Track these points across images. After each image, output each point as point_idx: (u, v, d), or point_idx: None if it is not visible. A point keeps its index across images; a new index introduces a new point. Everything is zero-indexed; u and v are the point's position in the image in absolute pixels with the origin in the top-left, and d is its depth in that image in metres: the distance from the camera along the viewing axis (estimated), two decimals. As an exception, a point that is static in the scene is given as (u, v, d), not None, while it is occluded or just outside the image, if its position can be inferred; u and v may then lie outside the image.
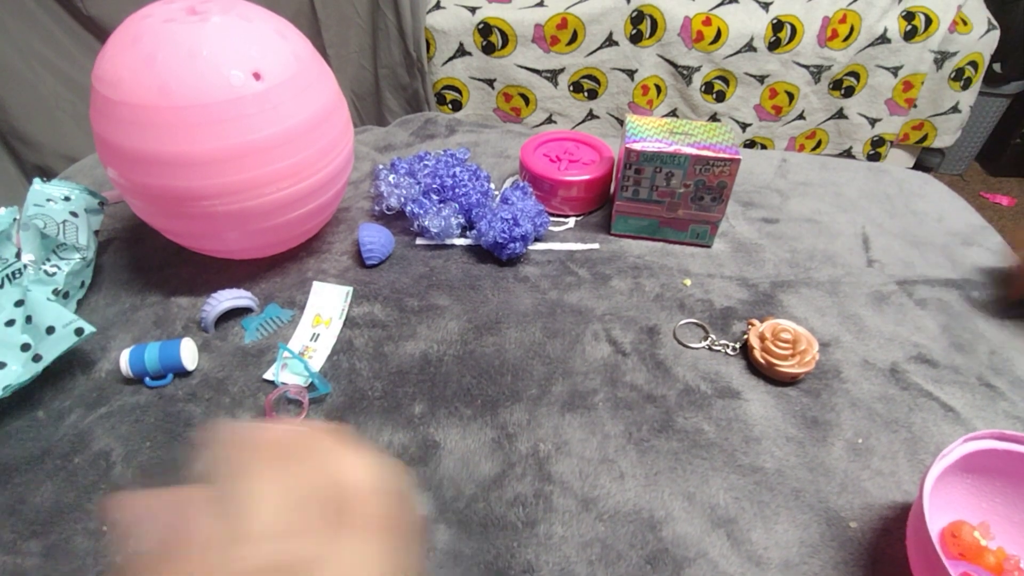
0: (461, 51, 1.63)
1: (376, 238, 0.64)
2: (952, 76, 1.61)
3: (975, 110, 1.78)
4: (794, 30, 1.55)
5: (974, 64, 1.59)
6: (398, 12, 1.54)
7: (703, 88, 1.66)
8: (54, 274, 0.55)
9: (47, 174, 0.63)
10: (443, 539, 0.42)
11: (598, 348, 0.56)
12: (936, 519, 0.40)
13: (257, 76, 0.49)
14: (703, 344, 0.56)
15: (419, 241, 0.68)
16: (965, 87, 1.63)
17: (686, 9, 1.55)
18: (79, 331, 0.50)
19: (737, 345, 0.55)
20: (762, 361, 0.52)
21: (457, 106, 1.75)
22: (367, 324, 0.58)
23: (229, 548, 0.21)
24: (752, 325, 0.56)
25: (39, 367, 0.49)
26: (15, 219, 0.57)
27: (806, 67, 1.60)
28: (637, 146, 0.61)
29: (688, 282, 0.63)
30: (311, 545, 0.21)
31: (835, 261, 0.66)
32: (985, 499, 0.42)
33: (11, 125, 1.45)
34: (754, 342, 0.54)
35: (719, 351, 0.55)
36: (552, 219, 0.71)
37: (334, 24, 1.59)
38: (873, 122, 1.70)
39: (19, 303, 0.52)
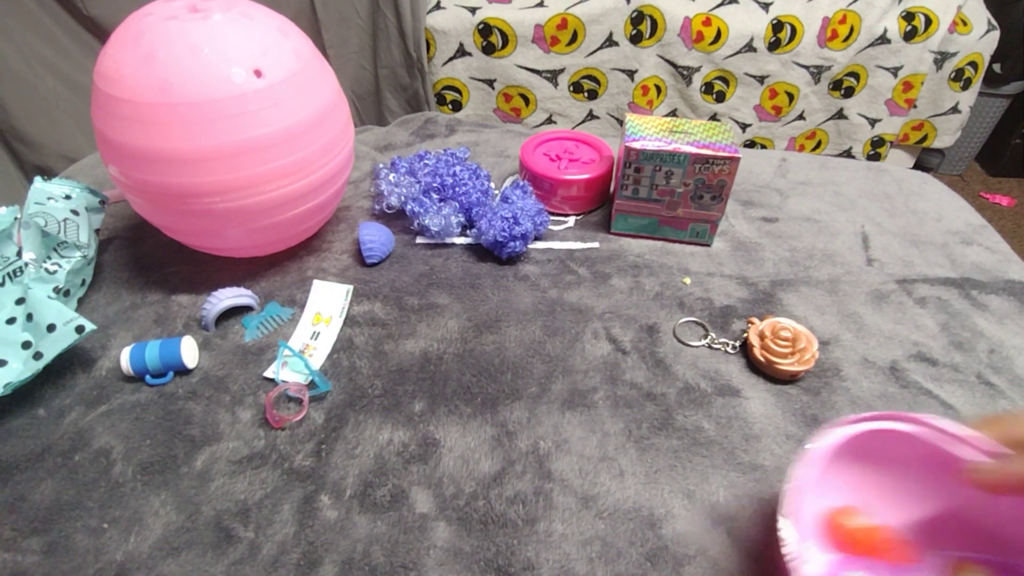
0: (461, 51, 1.63)
1: (376, 237, 0.64)
2: (952, 76, 1.62)
3: (975, 110, 1.78)
4: (794, 30, 1.56)
5: (974, 64, 1.59)
6: (398, 12, 1.55)
7: (703, 88, 1.67)
8: (55, 272, 0.55)
9: (47, 174, 0.63)
10: (443, 536, 0.42)
11: (598, 346, 0.56)
12: (811, 510, 0.37)
13: (258, 73, 0.49)
14: (703, 342, 0.56)
15: (419, 240, 0.68)
16: (965, 87, 1.63)
17: (686, 9, 1.55)
18: (80, 329, 0.50)
19: (737, 344, 0.55)
20: (762, 359, 0.52)
21: (457, 106, 1.75)
22: (367, 322, 0.58)
23: None
24: (752, 323, 0.56)
25: (40, 365, 0.49)
26: (16, 218, 0.57)
27: (806, 67, 1.60)
28: (637, 145, 0.61)
29: (688, 280, 0.63)
30: None
31: (835, 260, 0.66)
32: (856, 485, 0.39)
33: (11, 125, 1.45)
34: (754, 340, 0.54)
35: (719, 349, 0.55)
36: (552, 218, 0.71)
37: (334, 24, 1.59)
38: (873, 122, 1.70)
39: (20, 301, 0.53)
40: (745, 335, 0.55)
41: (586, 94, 1.70)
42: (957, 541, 0.37)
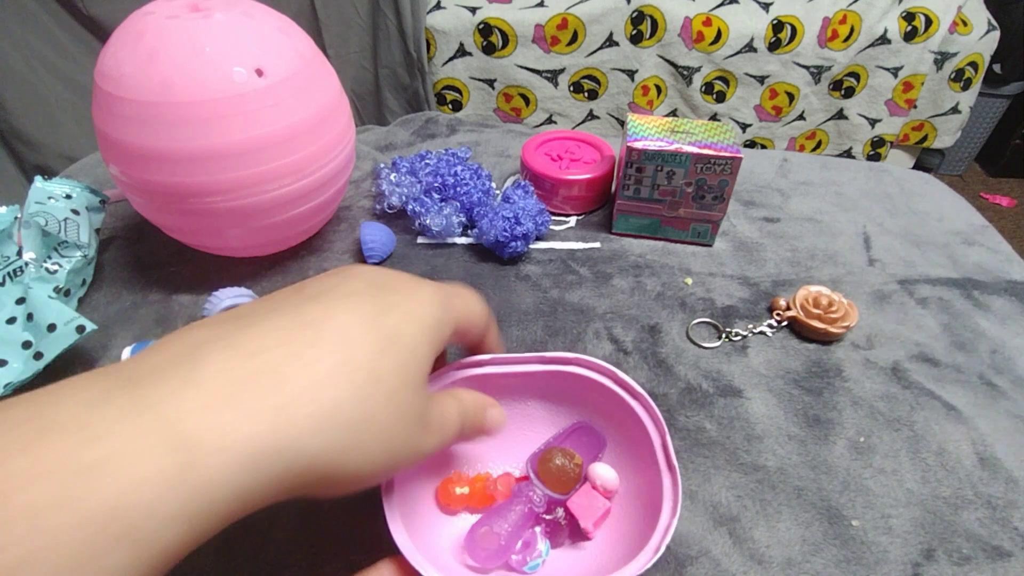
0: (461, 51, 1.63)
1: (377, 237, 0.64)
2: (952, 77, 1.62)
3: (975, 111, 1.78)
4: (794, 31, 1.56)
5: (974, 65, 1.60)
6: (398, 12, 1.55)
7: (703, 88, 1.67)
8: (55, 272, 0.55)
9: (47, 174, 0.63)
10: (445, 537, 0.42)
11: (599, 346, 0.56)
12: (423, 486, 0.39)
13: (260, 73, 0.49)
14: (717, 344, 0.56)
15: (420, 240, 0.68)
16: (965, 88, 1.64)
17: (686, 9, 1.55)
18: (80, 329, 0.50)
19: (776, 322, 0.57)
20: (820, 327, 0.54)
21: (457, 106, 1.75)
22: (368, 322, 0.58)
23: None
24: (790, 306, 0.57)
25: (40, 365, 0.49)
26: (16, 217, 0.57)
27: (806, 68, 1.61)
28: (638, 145, 0.61)
29: (689, 281, 0.63)
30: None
31: (836, 260, 0.66)
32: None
33: (11, 125, 1.45)
34: (804, 317, 0.55)
35: (761, 334, 0.56)
36: (553, 218, 0.71)
37: (334, 24, 1.60)
38: (873, 123, 1.71)
39: (20, 301, 0.52)
40: (784, 316, 0.56)
41: (586, 94, 1.70)
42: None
